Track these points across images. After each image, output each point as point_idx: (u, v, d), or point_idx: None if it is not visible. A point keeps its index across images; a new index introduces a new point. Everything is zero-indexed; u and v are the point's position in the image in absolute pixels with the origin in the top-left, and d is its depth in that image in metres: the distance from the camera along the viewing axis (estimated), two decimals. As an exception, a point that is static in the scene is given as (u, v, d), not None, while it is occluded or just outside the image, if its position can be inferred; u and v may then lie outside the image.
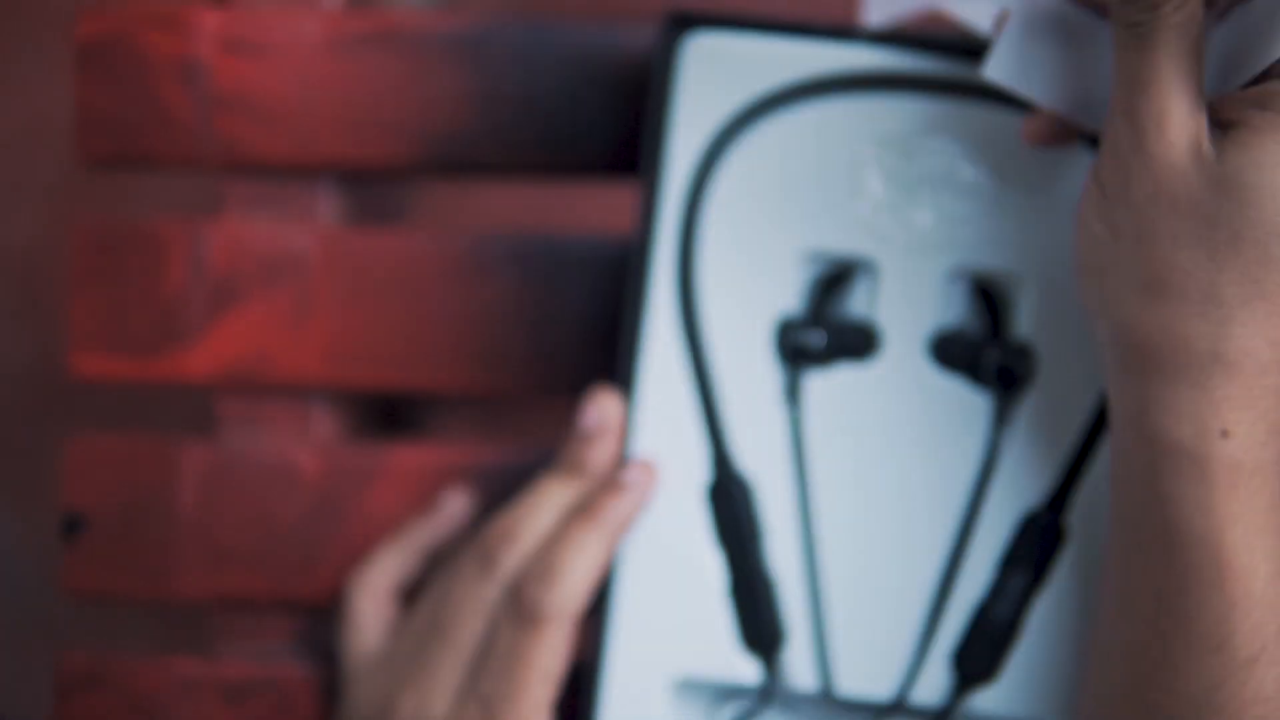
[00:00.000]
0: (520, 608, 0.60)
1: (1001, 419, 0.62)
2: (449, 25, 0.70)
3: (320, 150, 0.70)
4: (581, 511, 0.62)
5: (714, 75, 0.63)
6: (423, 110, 0.69)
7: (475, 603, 0.61)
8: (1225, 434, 0.51)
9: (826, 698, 0.63)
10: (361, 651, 0.66)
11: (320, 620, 0.71)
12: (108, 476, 0.70)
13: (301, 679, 0.69)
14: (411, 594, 0.67)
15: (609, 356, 0.67)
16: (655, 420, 0.64)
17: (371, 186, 0.77)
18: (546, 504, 0.62)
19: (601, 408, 0.63)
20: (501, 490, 0.68)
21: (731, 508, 0.63)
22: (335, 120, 0.70)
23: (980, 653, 0.62)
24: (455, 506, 0.68)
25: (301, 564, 0.69)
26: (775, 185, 0.63)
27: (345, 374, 0.70)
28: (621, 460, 0.63)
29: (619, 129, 0.69)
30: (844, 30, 0.63)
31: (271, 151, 0.70)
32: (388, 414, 0.82)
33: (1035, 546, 0.62)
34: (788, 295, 0.63)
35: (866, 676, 0.63)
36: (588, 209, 0.96)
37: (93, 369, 0.70)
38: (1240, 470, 0.51)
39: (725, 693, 0.64)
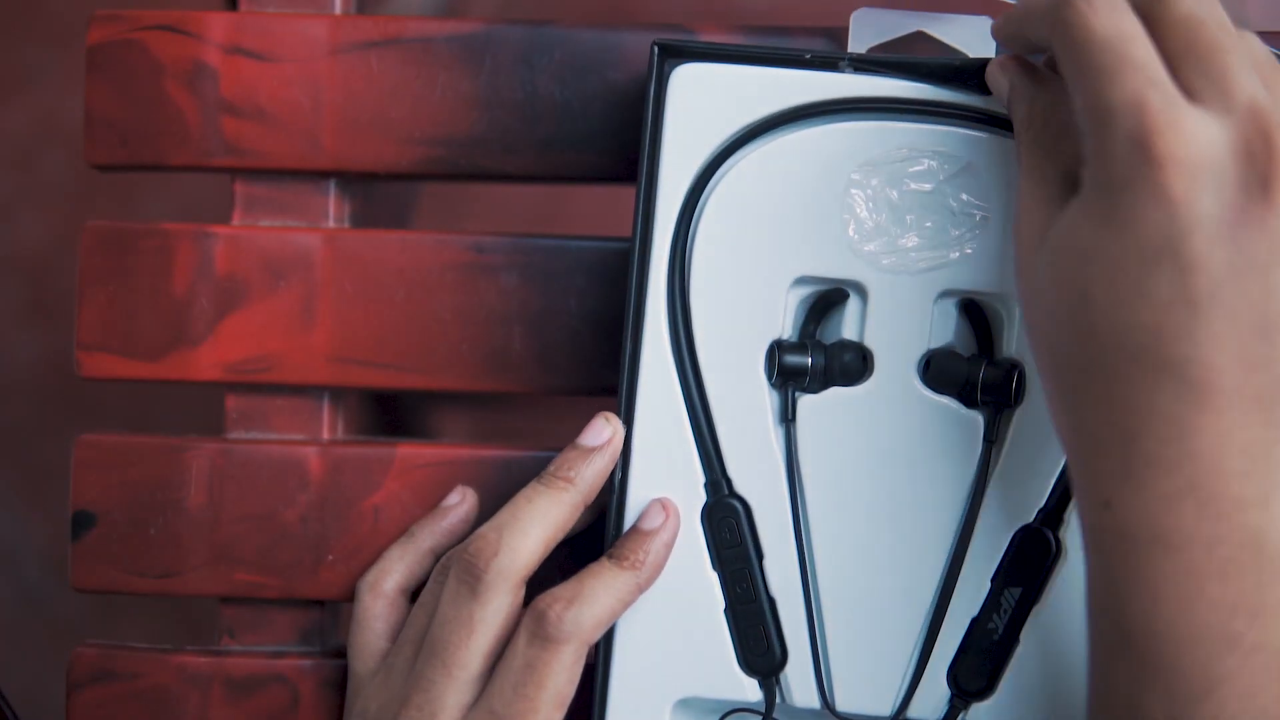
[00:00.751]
0: (541, 626, 0.60)
1: (993, 437, 0.63)
2: (453, 30, 0.69)
3: (326, 153, 0.70)
4: (620, 558, 0.62)
5: (703, 102, 0.63)
6: (427, 114, 0.69)
7: (466, 621, 0.61)
8: (1107, 505, 0.52)
9: (826, 716, 0.63)
10: (371, 654, 0.66)
11: (326, 615, 0.71)
12: (116, 475, 0.70)
13: (307, 673, 0.70)
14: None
15: (608, 357, 0.68)
16: (652, 444, 0.64)
17: (376, 189, 0.77)
18: (532, 517, 0.62)
19: (604, 428, 0.63)
20: (502, 490, 0.68)
21: (728, 529, 0.63)
22: (341, 124, 0.70)
23: (978, 668, 0.62)
24: (463, 507, 0.68)
25: (307, 560, 0.69)
26: (764, 211, 0.63)
27: (350, 374, 0.70)
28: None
29: (620, 134, 0.69)
30: (826, 59, 0.63)
31: (278, 154, 0.70)
32: (391, 413, 0.82)
33: (1030, 561, 0.62)
34: (779, 319, 0.64)
35: (865, 694, 0.63)
36: (588, 210, 0.96)
37: (101, 369, 0.70)
38: (1125, 538, 0.52)
39: (726, 712, 0.64)
